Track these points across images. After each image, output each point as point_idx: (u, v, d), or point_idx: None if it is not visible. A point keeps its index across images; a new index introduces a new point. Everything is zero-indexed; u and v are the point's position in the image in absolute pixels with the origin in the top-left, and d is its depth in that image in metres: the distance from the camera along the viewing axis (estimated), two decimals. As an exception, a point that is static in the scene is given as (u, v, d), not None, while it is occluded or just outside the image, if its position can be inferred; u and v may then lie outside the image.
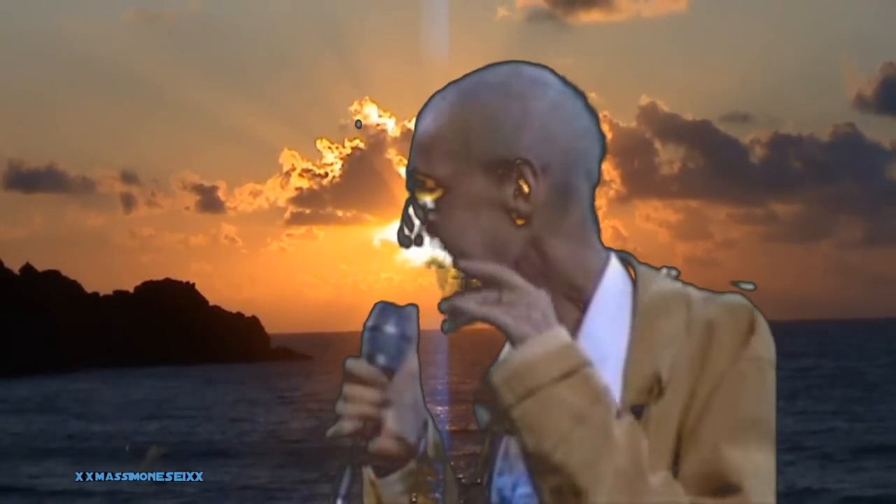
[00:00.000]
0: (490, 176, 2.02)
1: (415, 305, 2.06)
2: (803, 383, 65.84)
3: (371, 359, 2.02)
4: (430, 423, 2.10)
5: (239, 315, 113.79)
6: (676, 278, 2.10)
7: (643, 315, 2.04)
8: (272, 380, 79.96)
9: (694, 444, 1.99)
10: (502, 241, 2.03)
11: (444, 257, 2.06)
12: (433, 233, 2.06)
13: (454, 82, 2.09)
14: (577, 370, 1.94)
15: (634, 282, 2.08)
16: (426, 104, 2.09)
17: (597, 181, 2.09)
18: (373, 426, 2.02)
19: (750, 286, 2.10)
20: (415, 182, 2.06)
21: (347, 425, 2.01)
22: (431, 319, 2.13)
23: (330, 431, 2.01)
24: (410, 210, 2.07)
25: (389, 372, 2.02)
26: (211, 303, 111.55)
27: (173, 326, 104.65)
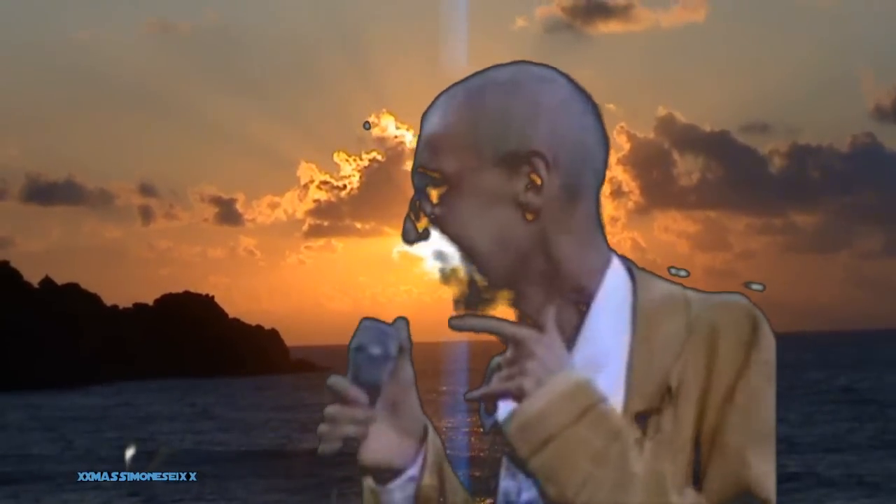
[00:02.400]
0: (500, 170, 2.02)
1: (404, 318, 2.06)
2: (818, 394, 65.62)
3: (356, 378, 2.02)
4: (430, 429, 2.10)
5: (258, 327, 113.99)
6: (678, 281, 2.09)
7: (644, 317, 2.03)
8: (291, 392, 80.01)
9: (717, 452, 1.98)
10: (510, 236, 2.03)
11: (450, 255, 2.06)
12: (440, 228, 2.05)
13: (461, 82, 2.09)
14: (589, 409, 1.93)
15: (634, 283, 2.06)
16: (433, 103, 2.09)
17: (602, 181, 2.08)
18: (358, 444, 2.02)
19: (759, 287, 2.10)
20: (421, 177, 2.06)
21: (328, 447, 2.01)
22: (448, 331, 2.13)
23: (320, 449, 2.01)
24: (417, 205, 2.07)
25: (375, 389, 2.02)
26: (230, 315, 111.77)
27: (193, 339, 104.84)
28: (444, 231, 2.05)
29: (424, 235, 2.07)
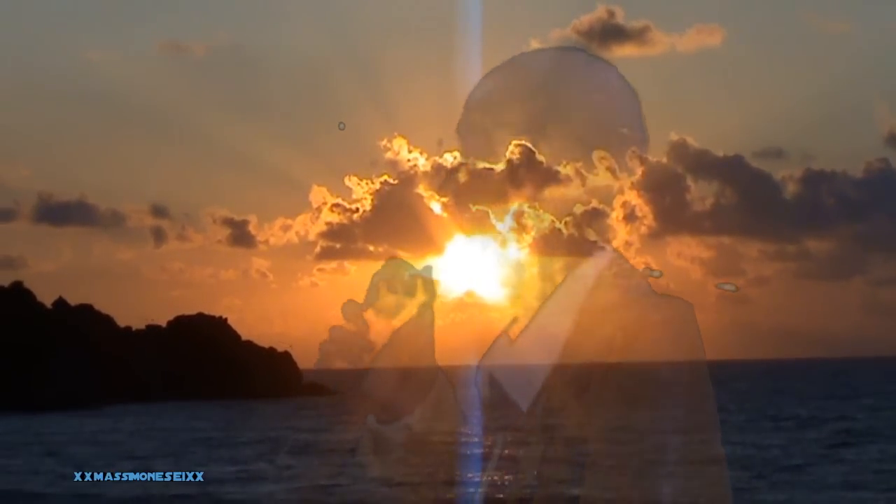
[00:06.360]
0: None
1: (430, 266, 2.10)
2: (836, 422, 65.38)
3: (372, 306, 2.10)
4: (441, 381, 2.13)
5: (271, 350, 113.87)
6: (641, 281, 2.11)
7: None
8: (302, 417, 79.94)
9: None
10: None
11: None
12: None
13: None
14: None
15: None
16: None
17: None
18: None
19: (730, 287, 2.13)
20: None
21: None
22: (462, 355, 2.15)
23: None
24: None
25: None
26: (244, 337, 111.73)
27: (207, 361, 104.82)
28: None
29: None
